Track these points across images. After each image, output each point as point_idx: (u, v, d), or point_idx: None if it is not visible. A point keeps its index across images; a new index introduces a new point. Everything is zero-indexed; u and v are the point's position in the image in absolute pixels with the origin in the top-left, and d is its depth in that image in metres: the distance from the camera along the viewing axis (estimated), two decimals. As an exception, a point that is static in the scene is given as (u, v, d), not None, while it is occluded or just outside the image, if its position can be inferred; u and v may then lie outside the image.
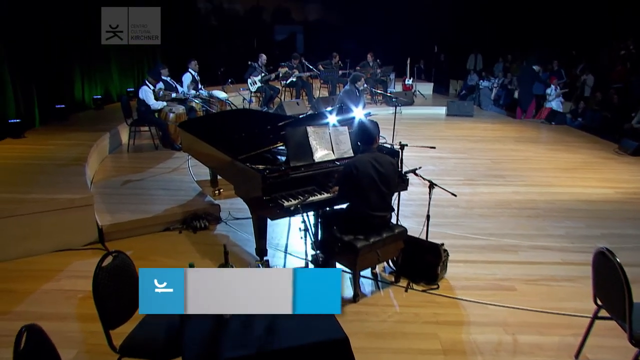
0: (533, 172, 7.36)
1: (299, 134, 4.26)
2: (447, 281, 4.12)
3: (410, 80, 14.01)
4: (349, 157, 4.37)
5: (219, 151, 4.59)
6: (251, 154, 4.25)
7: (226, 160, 4.46)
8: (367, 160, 3.72)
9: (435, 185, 4.31)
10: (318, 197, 4.08)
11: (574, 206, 5.99)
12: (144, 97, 7.27)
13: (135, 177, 6.33)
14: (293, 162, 4.13)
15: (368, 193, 3.71)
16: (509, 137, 9.74)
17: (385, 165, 3.76)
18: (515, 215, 5.66)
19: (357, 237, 3.75)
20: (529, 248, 4.80)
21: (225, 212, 5.45)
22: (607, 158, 8.37)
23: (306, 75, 11.89)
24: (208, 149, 4.87)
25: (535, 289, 4.02)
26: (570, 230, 5.26)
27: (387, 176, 3.77)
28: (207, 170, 6.02)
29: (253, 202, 4.16)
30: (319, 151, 4.30)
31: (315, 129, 4.34)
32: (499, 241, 4.91)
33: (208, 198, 5.71)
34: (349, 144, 4.48)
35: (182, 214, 5.23)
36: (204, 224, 5.16)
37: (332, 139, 4.40)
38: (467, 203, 5.93)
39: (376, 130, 3.80)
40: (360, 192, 3.70)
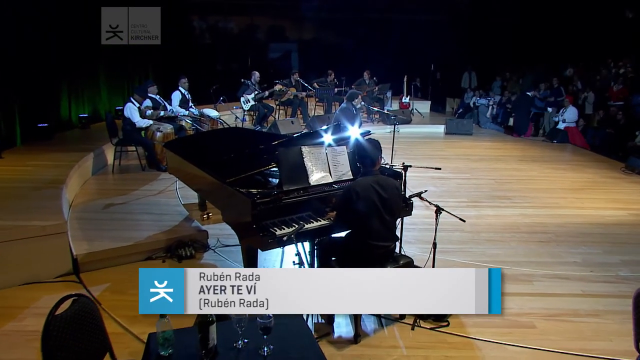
0: (539, 192, 7.00)
1: (293, 154, 3.89)
2: (458, 317, 3.71)
3: (407, 98, 13.73)
4: (348, 180, 4.00)
5: (205, 173, 4.19)
6: (241, 176, 3.86)
7: (213, 184, 4.07)
8: (369, 184, 3.33)
9: (443, 210, 3.94)
10: (314, 224, 3.69)
11: (586, 230, 5.61)
12: (129, 114, 6.90)
13: (118, 200, 5.92)
14: (286, 186, 3.75)
15: (370, 221, 3.32)
16: (512, 156, 9.41)
17: (388, 189, 3.38)
18: (526, 240, 5.28)
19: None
20: (544, 277, 4.41)
21: (213, 239, 5.04)
22: (615, 177, 8.03)
23: (302, 94, 11.58)
24: (194, 170, 4.48)
25: (557, 326, 3.61)
26: (586, 256, 4.87)
27: (391, 202, 3.39)
28: (194, 193, 5.62)
29: (242, 230, 3.76)
30: (314, 173, 3.92)
31: (310, 149, 3.96)
32: (511, 270, 4.52)
33: (195, 223, 5.30)
34: (347, 165, 4.10)
35: (166, 241, 4.81)
36: (190, 252, 4.74)
37: (329, 160, 4.03)
38: (473, 227, 5.54)
39: (378, 150, 3.43)
40: (361, 219, 3.31)
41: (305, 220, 3.71)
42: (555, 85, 13.49)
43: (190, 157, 4.68)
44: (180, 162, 4.90)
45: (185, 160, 4.71)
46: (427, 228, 5.12)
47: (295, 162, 3.88)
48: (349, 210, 3.31)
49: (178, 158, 4.94)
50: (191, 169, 4.58)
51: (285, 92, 11.12)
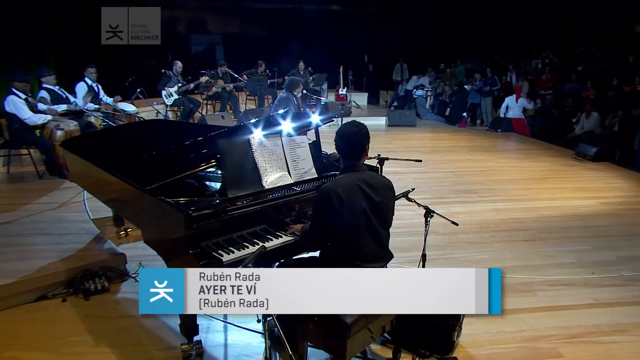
0: (503, 184, 6.46)
1: (239, 148, 2.87)
2: (465, 349, 2.89)
3: (344, 90, 12.97)
4: (312, 180, 3.05)
5: (117, 179, 3.05)
6: (167, 181, 2.77)
7: (129, 193, 2.95)
8: (354, 183, 2.40)
9: (434, 212, 3.13)
10: (274, 242, 2.70)
11: (565, 223, 5.08)
12: (12, 109, 5.44)
13: (3, 218, 4.54)
14: (232, 191, 2.73)
15: (357, 234, 2.39)
16: (462, 147, 8.91)
17: (380, 190, 2.46)
18: (509, 239, 4.61)
19: (342, 303, 2.40)
20: (545, 285, 3.73)
21: (134, 263, 3.89)
22: (570, 165, 7.75)
23: (231, 86, 10.43)
24: (102, 176, 3.31)
25: (586, 351, 2.90)
26: (579, 255, 4.29)
27: (384, 207, 2.48)
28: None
29: (172, 256, 2.69)
30: (269, 173, 2.93)
31: (261, 141, 2.96)
32: (508, 279, 3.79)
33: (109, 244, 4.10)
34: (310, 159, 3.15)
35: (68, 272, 3.59)
36: (102, 284, 3.56)
37: (286, 154, 3.05)
38: (447, 227, 4.74)
39: (364, 137, 2.49)
40: (346, 232, 2.37)
41: (261, 238, 2.71)
42: (489, 75, 13.41)
43: (96, 158, 3.51)
44: (83, 165, 3.70)
45: (90, 163, 3.52)
46: (407, 232, 4.33)
47: (243, 158, 2.86)
48: (328, 220, 2.36)
49: (80, 161, 3.73)
50: (98, 174, 3.41)
51: (212, 84, 9.92)
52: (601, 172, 7.34)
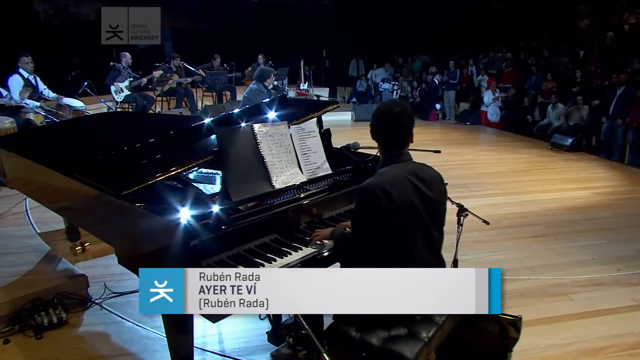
0: (491, 177, 6.16)
1: (241, 139, 2.28)
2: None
3: (305, 84, 12.43)
4: (325, 177, 2.50)
5: (79, 183, 2.36)
6: (149, 183, 2.13)
7: (96, 200, 2.28)
8: (403, 176, 1.87)
9: (468, 211, 2.68)
10: (292, 257, 2.12)
11: (568, 217, 4.80)
12: None
13: None
14: (236, 194, 2.13)
15: (410, 241, 1.87)
16: (436, 140, 8.61)
17: (433, 183, 1.95)
18: (517, 236, 4.25)
19: (393, 333, 1.87)
20: (576, 286, 3.37)
21: (97, 286, 3.19)
22: (549, 156, 7.62)
23: (187, 80, 9.63)
24: (55, 180, 2.61)
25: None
26: (597, 250, 3.99)
27: (439, 205, 1.97)
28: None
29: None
30: (278, 169, 2.35)
31: (267, 129, 2.37)
32: (534, 281, 3.41)
33: (64, 263, 3.35)
34: (322, 152, 2.59)
35: (12, 303, 2.85)
36: (58, 316, 2.84)
37: (295, 145, 2.47)
38: (450, 226, 4.35)
39: (409, 119, 1.96)
40: (397, 240, 1.84)
41: (275, 252, 2.13)
42: (452, 68, 13.31)
43: (45, 158, 2.78)
44: (27, 167, 2.96)
45: (38, 164, 2.79)
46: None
47: (246, 151, 2.27)
48: (374, 226, 1.81)
49: (23, 161, 2.99)
50: (47, 177, 2.70)
51: (168, 78, 9.09)
52: (580, 162, 7.25)
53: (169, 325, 2.05)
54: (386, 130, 1.92)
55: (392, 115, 1.90)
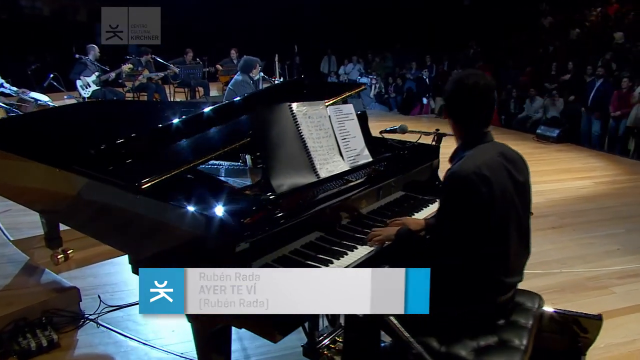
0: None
1: (280, 120, 1.93)
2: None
3: (280, 80, 12.04)
4: (366, 165, 2.18)
5: (83, 178, 1.95)
6: (172, 173, 1.75)
7: (105, 198, 1.88)
8: (495, 159, 1.58)
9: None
10: (350, 258, 1.79)
11: (578, 207, 4.68)
12: None
13: None
14: (279, 184, 1.78)
15: (506, 237, 1.58)
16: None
17: (520, 165, 1.67)
18: (535, 228, 3.99)
19: (482, 342, 1.58)
20: (613, 278, 3.20)
21: (90, 300, 2.76)
22: (538, 147, 7.59)
23: (159, 75, 9.08)
24: (45, 176, 2.18)
25: None
26: (619, 239, 3.85)
27: (528, 191, 1.70)
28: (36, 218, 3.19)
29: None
30: (321, 156, 2.01)
31: (305, 109, 2.03)
32: (567, 275, 3.21)
33: (48, 274, 2.90)
34: (360, 137, 2.27)
35: (-10, 325, 2.38)
36: (47, 338, 2.40)
37: (335, 129, 2.14)
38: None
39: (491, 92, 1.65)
40: (494, 234, 1.54)
41: (327, 252, 1.79)
42: (428, 63, 13.27)
43: (28, 150, 2.34)
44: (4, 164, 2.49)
45: (18, 157, 2.35)
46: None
47: (287, 135, 1.92)
48: (471, 219, 1.51)
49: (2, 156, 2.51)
50: (34, 173, 2.26)
51: (139, 72, 8.53)
52: (570, 153, 7.24)
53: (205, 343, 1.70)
54: (471, 106, 1.62)
55: (478, 88, 1.59)
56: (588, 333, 2.12)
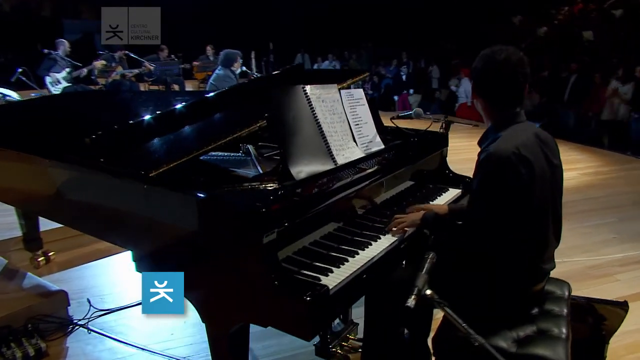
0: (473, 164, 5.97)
1: (296, 102, 1.81)
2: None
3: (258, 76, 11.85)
4: (381, 153, 2.07)
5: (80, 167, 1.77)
6: (183, 160, 1.61)
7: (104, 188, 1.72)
8: (532, 140, 1.50)
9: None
10: (374, 249, 1.67)
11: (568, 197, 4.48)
12: None
13: None
14: (298, 171, 1.65)
15: (545, 222, 1.50)
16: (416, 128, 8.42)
17: (554, 147, 1.59)
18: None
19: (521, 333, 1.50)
20: (615, 266, 3.21)
21: (77, 303, 2.57)
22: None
23: (135, 72, 8.77)
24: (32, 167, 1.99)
25: None
26: (613, 228, 3.88)
27: (561, 174, 1.61)
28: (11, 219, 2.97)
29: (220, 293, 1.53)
30: (336, 141, 1.89)
31: (319, 92, 1.91)
32: (570, 264, 3.19)
33: (30, 278, 2.68)
34: (372, 123, 2.17)
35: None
36: (35, 346, 2.20)
37: (347, 114, 2.03)
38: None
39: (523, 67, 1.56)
40: (533, 220, 1.46)
41: (349, 243, 1.68)
42: (405, 59, 13.31)
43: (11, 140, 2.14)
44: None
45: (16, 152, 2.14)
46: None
47: (302, 119, 1.80)
48: (509, 202, 1.41)
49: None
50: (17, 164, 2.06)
51: (112, 69, 8.21)
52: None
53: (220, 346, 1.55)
54: (503, 84, 1.52)
55: (510, 64, 1.50)
56: (607, 320, 2.07)
